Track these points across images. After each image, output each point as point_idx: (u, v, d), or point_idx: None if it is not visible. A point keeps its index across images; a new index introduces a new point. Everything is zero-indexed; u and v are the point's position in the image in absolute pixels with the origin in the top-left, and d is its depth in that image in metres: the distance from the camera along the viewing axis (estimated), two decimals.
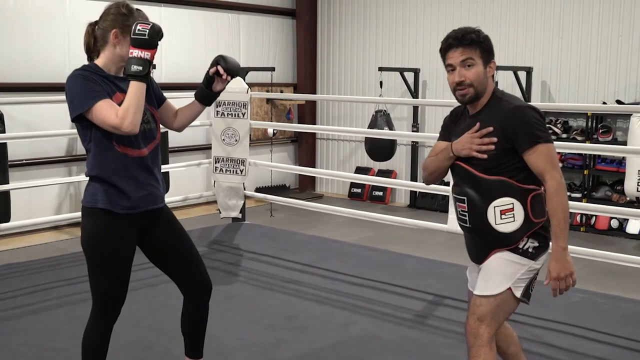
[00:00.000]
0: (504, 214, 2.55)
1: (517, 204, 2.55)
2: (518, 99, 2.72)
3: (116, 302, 2.77)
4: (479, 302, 2.62)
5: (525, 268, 2.59)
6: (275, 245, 6.23)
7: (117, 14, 2.67)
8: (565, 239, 2.52)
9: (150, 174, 2.77)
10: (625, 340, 4.03)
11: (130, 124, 2.53)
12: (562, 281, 2.53)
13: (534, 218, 2.58)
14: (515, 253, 2.59)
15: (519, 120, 2.53)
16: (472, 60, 2.59)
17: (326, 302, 4.70)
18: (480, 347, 2.59)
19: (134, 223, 2.74)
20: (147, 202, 2.75)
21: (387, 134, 7.41)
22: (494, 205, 2.56)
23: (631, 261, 4.41)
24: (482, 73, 2.61)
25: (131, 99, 2.54)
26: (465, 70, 2.59)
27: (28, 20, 6.63)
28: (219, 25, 8.41)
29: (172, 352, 3.71)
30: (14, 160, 6.34)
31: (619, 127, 6.97)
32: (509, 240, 2.58)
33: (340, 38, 9.17)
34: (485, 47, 2.62)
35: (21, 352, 3.78)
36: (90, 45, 2.75)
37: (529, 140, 2.52)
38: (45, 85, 6.70)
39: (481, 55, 2.60)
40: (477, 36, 2.60)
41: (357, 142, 8.99)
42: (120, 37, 2.66)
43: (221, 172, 6.49)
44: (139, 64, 2.54)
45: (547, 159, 2.54)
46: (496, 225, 2.57)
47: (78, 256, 5.74)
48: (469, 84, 2.59)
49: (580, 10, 7.13)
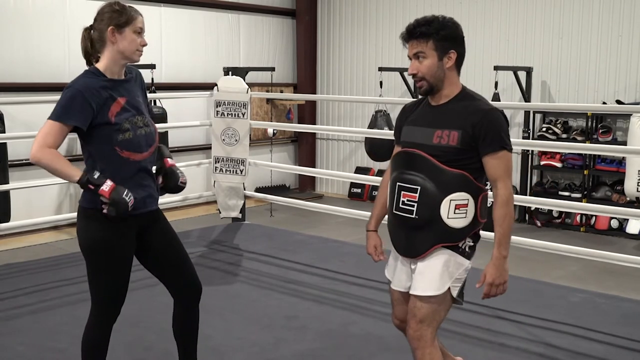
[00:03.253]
0: (458, 209, 2.52)
1: (471, 201, 2.54)
2: (490, 102, 2.67)
3: (116, 303, 2.78)
4: (420, 305, 2.58)
5: (462, 267, 2.59)
6: (275, 245, 6.23)
7: (111, 12, 2.69)
8: (507, 247, 2.54)
9: (149, 176, 2.80)
10: (625, 340, 4.03)
11: (38, 159, 2.59)
12: (495, 288, 2.54)
13: (480, 218, 2.58)
14: (456, 252, 2.57)
15: (492, 124, 2.51)
16: (422, 53, 2.55)
17: (326, 302, 4.70)
18: (425, 349, 2.58)
19: (133, 224, 2.75)
20: (147, 203, 2.77)
21: (387, 134, 7.38)
22: (451, 199, 2.52)
23: (631, 261, 4.41)
24: (436, 65, 2.54)
25: (56, 164, 2.63)
26: (418, 63, 2.56)
27: (28, 20, 6.63)
28: (219, 25, 8.41)
29: (172, 352, 3.69)
30: (14, 160, 6.34)
31: (619, 127, 6.97)
32: (454, 236, 2.55)
33: (340, 38, 9.17)
34: (441, 37, 2.53)
35: (21, 352, 3.78)
36: (88, 50, 2.77)
37: (496, 145, 2.50)
38: (45, 85, 6.70)
39: (435, 47, 2.53)
40: (428, 28, 2.53)
41: (357, 142, 8.99)
42: (117, 33, 2.68)
43: (221, 172, 6.49)
44: (113, 203, 2.60)
45: (506, 166, 2.53)
46: (447, 219, 2.53)
47: (78, 256, 5.71)
48: (420, 77, 2.56)
49: (580, 10, 7.13)
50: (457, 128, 2.53)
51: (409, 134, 2.66)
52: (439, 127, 2.56)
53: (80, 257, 2.81)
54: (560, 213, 7.20)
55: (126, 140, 2.64)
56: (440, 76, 2.56)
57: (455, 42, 2.58)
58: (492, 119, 2.53)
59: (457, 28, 2.60)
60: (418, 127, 2.64)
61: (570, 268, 5.58)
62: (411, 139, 2.64)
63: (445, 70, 2.56)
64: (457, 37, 2.59)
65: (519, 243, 4.60)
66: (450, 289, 2.58)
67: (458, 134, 2.52)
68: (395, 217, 2.67)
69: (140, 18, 2.74)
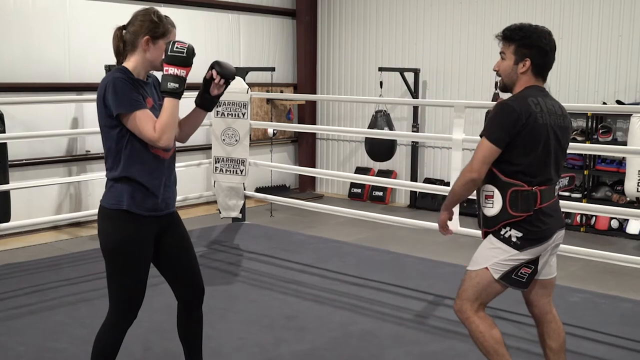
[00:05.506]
0: (487, 199, 2.82)
1: (497, 194, 2.78)
2: (516, 97, 2.82)
3: (135, 305, 2.77)
4: (464, 278, 2.90)
5: (507, 255, 2.79)
6: (275, 245, 6.23)
7: (148, 21, 2.69)
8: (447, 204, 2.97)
9: (172, 175, 2.84)
10: (625, 340, 4.03)
11: (167, 139, 2.61)
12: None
13: (512, 210, 2.77)
14: (497, 238, 2.82)
15: (492, 113, 2.80)
16: (504, 54, 2.85)
17: (326, 302, 4.70)
18: (467, 319, 2.86)
19: (155, 225, 2.76)
20: (169, 205, 2.80)
21: (387, 134, 7.41)
22: (482, 189, 2.84)
23: (631, 261, 4.41)
24: (510, 68, 2.82)
25: (168, 116, 2.61)
26: (500, 62, 2.87)
27: (28, 20, 6.64)
28: (219, 25, 8.42)
29: (172, 352, 3.71)
30: (14, 160, 6.35)
31: (619, 127, 6.98)
32: (489, 222, 2.84)
33: (340, 38, 9.17)
34: (522, 44, 2.78)
35: (21, 352, 3.78)
36: (120, 50, 2.75)
37: (483, 130, 2.78)
38: (45, 85, 6.70)
39: (514, 51, 2.80)
40: (511, 33, 2.80)
41: (357, 142, 8.99)
42: (151, 44, 2.68)
43: (221, 172, 6.49)
44: (175, 82, 2.61)
45: (479, 151, 2.75)
46: (482, 207, 2.86)
47: (78, 256, 5.76)
48: (499, 74, 2.89)
49: (580, 10, 7.13)
50: None
51: None
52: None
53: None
54: None
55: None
56: (513, 78, 2.84)
57: (533, 50, 2.78)
58: (493, 110, 2.79)
59: (541, 38, 2.80)
60: None
61: (570, 268, 5.58)
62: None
63: (519, 74, 2.82)
64: (537, 46, 2.79)
65: None
66: (491, 270, 2.81)
67: None
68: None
69: (174, 31, 2.77)
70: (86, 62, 6.96)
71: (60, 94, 6.78)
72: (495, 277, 2.81)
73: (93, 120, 7.03)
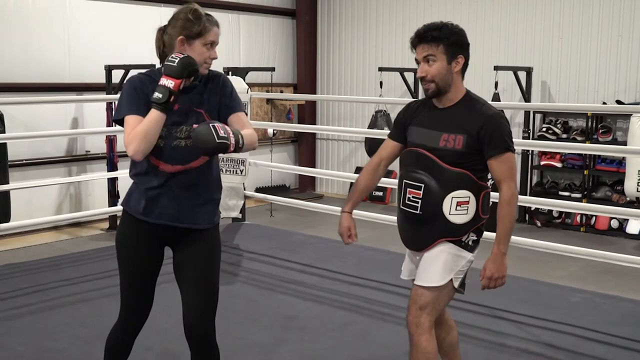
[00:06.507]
0: (459, 206, 2.66)
1: (472, 199, 2.67)
2: (492, 106, 2.78)
3: (131, 308, 2.72)
4: (421, 292, 2.73)
5: (465, 260, 2.73)
6: (275, 245, 6.23)
7: (185, 20, 2.57)
8: (506, 245, 2.68)
9: (189, 191, 2.59)
10: (625, 340, 4.03)
11: (132, 149, 2.44)
12: (494, 281, 2.69)
13: (482, 214, 2.72)
14: (458, 246, 2.71)
15: (496, 128, 2.64)
16: (433, 56, 2.65)
17: (326, 302, 4.70)
18: (422, 335, 2.71)
19: (155, 234, 2.63)
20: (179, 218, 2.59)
21: (387, 134, 7.39)
22: (452, 196, 2.66)
23: (631, 261, 4.41)
24: (445, 69, 2.66)
25: (142, 127, 2.44)
26: (427, 66, 2.67)
27: (28, 20, 6.63)
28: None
29: (172, 352, 3.71)
30: (14, 160, 6.34)
31: (619, 127, 6.97)
32: (457, 231, 2.69)
33: (340, 38, 9.17)
34: (451, 42, 2.66)
35: (21, 352, 3.78)
36: (162, 51, 2.64)
37: (500, 148, 2.63)
38: (45, 85, 6.70)
39: (445, 51, 2.65)
40: (439, 33, 2.64)
41: (357, 142, 8.99)
42: (186, 44, 2.57)
43: (221, 172, 6.48)
44: (160, 92, 2.44)
45: (509, 168, 2.66)
46: (450, 215, 2.67)
47: (78, 256, 5.74)
48: (429, 80, 2.67)
49: (580, 10, 7.13)
50: (463, 132, 2.65)
51: (416, 135, 2.80)
52: (445, 130, 2.69)
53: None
54: (560, 213, 7.20)
55: (157, 147, 2.51)
56: (449, 80, 2.68)
57: (462, 47, 2.71)
58: (496, 123, 2.65)
59: (464, 35, 2.73)
60: (425, 128, 2.76)
61: (570, 268, 5.58)
62: (418, 141, 2.77)
63: (453, 74, 2.69)
64: (464, 43, 2.73)
65: (519, 243, 4.60)
66: (453, 280, 2.71)
67: (463, 138, 2.65)
68: (402, 212, 2.82)
69: (214, 30, 2.64)
70: (86, 62, 6.95)
71: (60, 94, 6.78)
72: (456, 285, 2.72)
73: (93, 120, 7.09)
